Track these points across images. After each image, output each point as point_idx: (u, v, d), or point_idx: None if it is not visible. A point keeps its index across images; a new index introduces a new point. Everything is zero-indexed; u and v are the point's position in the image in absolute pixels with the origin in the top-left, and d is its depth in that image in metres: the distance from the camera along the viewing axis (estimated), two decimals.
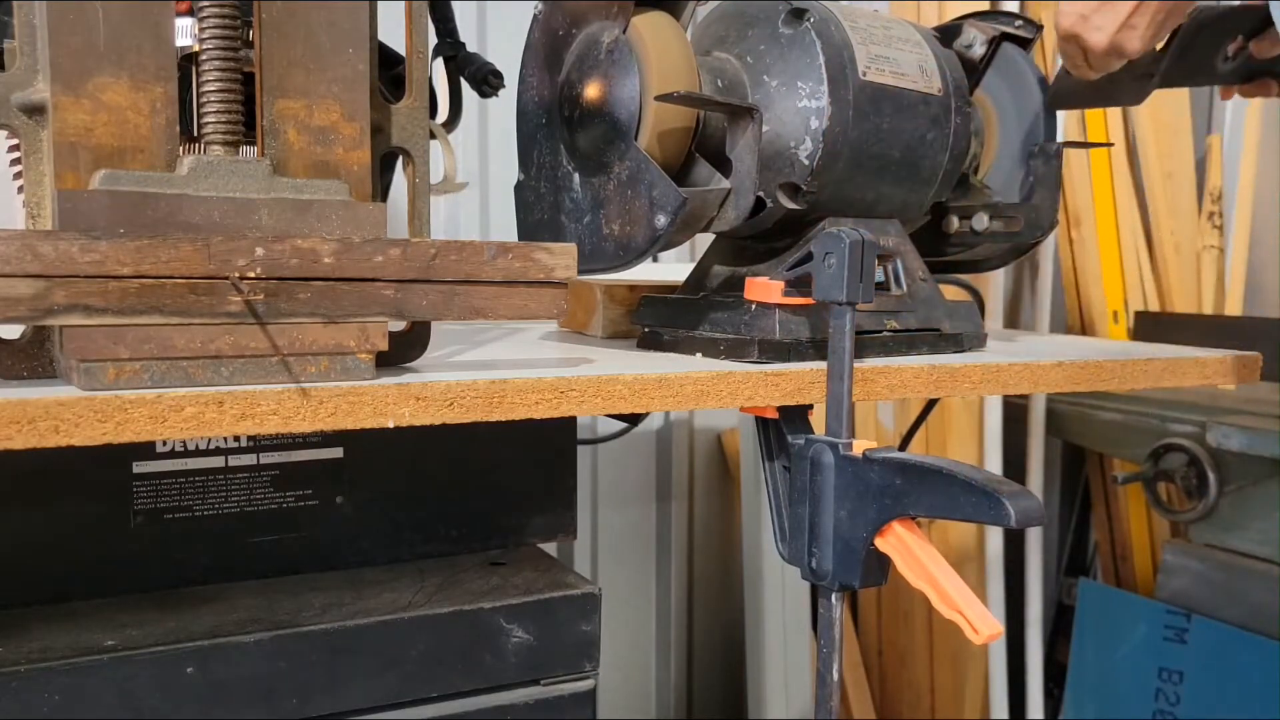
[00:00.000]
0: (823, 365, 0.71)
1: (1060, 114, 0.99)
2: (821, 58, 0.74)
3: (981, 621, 0.62)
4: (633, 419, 1.10)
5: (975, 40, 0.89)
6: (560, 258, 0.62)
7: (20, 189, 0.61)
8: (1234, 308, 2.02)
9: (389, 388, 0.57)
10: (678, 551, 1.72)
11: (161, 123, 0.57)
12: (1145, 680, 1.61)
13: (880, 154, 0.79)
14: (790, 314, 0.73)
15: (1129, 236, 2.00)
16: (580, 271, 0.69)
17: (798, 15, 0.75)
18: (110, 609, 0.70)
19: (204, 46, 0.59)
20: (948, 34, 0.91)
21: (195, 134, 0.60)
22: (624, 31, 0.71)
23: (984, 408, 1.80)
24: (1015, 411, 1.87)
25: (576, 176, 0.75)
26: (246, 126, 0.60)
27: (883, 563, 0.67)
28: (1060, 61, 0.88)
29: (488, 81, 0.83)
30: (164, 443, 0.72)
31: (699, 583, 1.75)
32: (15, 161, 0.63)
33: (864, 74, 0.76)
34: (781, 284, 0.71)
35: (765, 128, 0.74)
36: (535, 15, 0.77)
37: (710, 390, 0.67)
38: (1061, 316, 2.06)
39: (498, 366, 0.65)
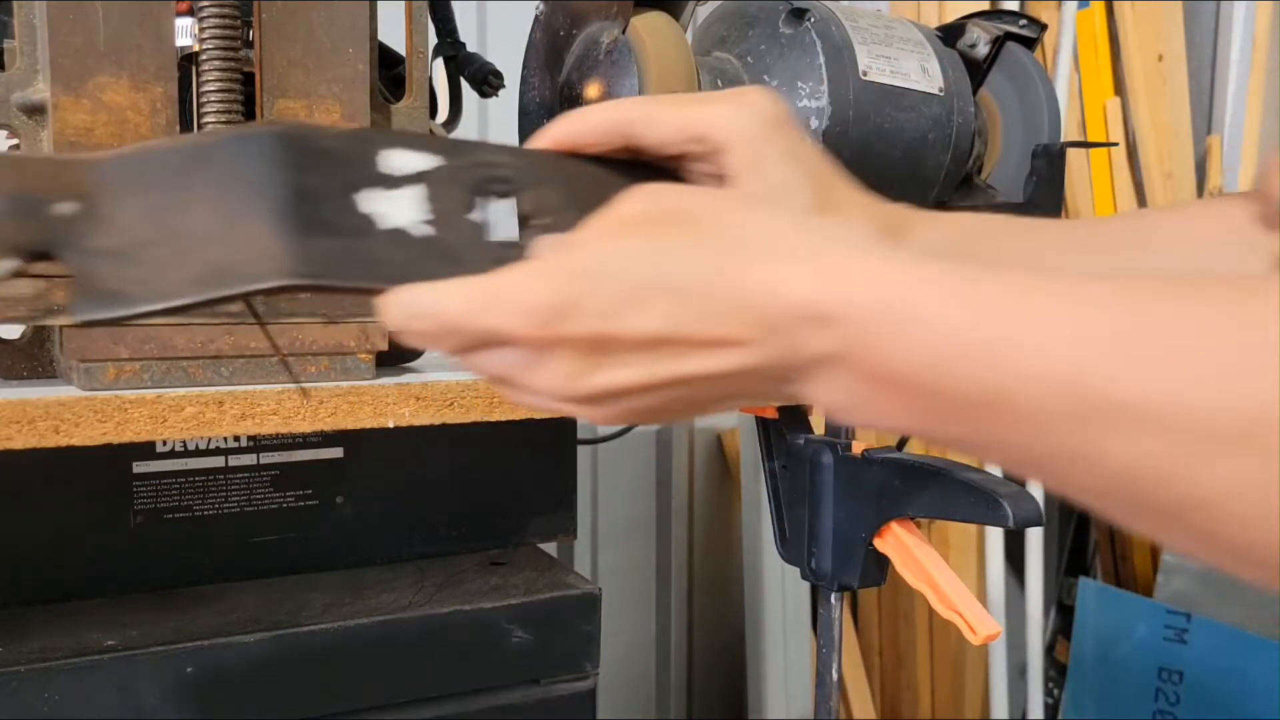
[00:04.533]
0: None
1: (1061, 113, 0.99)
2: (822, 58, 0.74)
3: (979, 622, 0.62)
4: None
5: (979, 40, 0.89)
6: None
7: None
8: None
9: (389, 388, 0.57)
10: (678, 551, 1.72)
11: (161, 123, 0.57)
12: (1145, 680, 1.61)
13: (881, 154, 0.79)
14: None
15: None
16: None
17: (798, 15, 0.75)
18: (110, 609, 0.69)
19: (204, 46, 0.59)
20: (951, 34, 0.91)
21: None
22: (623, 32, 0.71)
23: None
24: None
25: None
26: None
27: (881, 563, 0.67)
28: None
29: (488, 82, 0.83)
30: (164, 442, 0.72)
31: (699, 583, 1.75)
32: None
33: (865, 74, 0.76)
34: None
35: None
36: (536, 16, 0.77)
37: None
38: None
39: None
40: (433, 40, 0.79)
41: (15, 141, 0.60)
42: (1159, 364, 0.26)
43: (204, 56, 0.59)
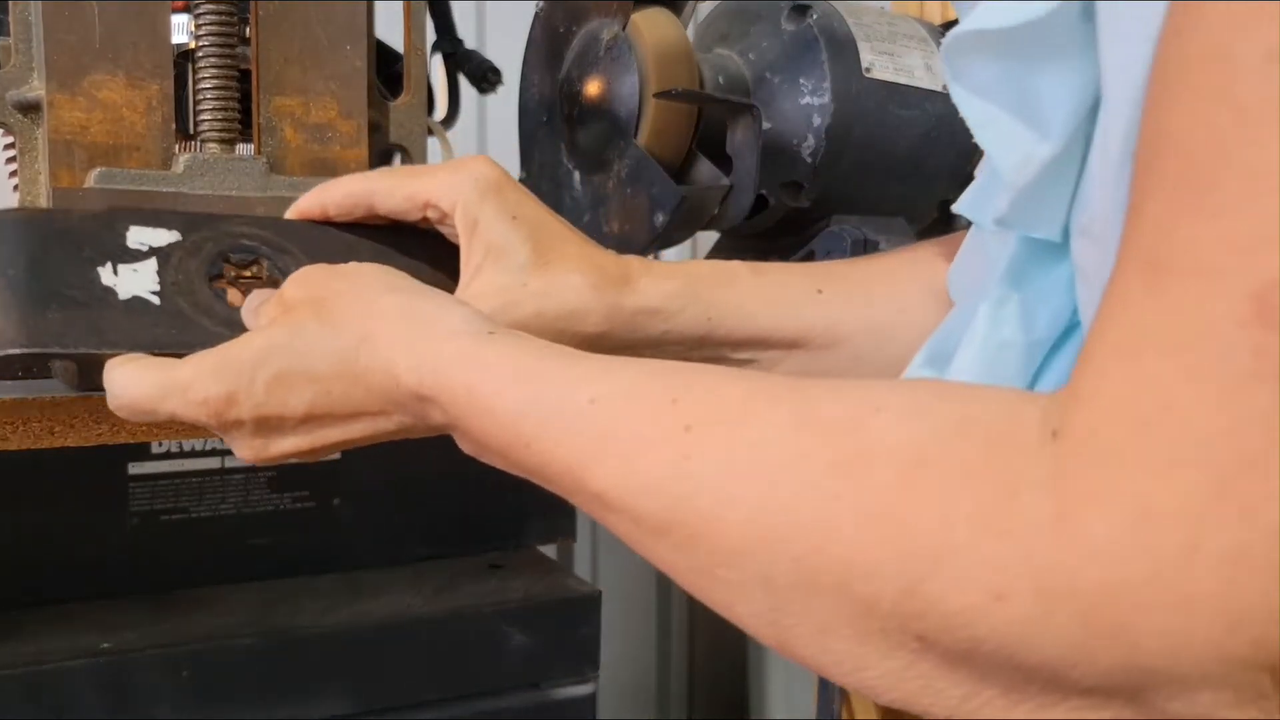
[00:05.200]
0: None
1: None
2: (824, 54, 0.74)
3: None
4: None
5: None
6: None
7: (15, 187, 0.61)
8: None
9: None
10: None
11: (157, 120, 0.57)
12: None
13: (885, 152, 0.78)
14: None
15: None
16: None
17: (801, 12, 0.75)
18: (106, 611, 0.69)
19: (200, 43, 0.58)
20: None
21: (191, 131, 0.60)
22: (624, 28, 0.70)
23: None
24: None
25: (576, 175, 0.75)
26: (243, 124, 0.59)
27: None
28: None
29: (486, 78, 0.82)
30: (159, 443, 0.71)
31: None
32: (10, 160, 0.63)
33: (868, 71, 0.76)
34: None
35: (767, 125, 0.74)
36: (537, 13, 0.77)
37: None
38: None
39: None
40: (431, 37, 0.78)
41: (10, 140, 0.59)
42: (614, 463, 0.31)
43: (200, 54, 0.58)
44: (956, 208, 0.39)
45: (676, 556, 0.30)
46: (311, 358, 0.38)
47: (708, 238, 0.81)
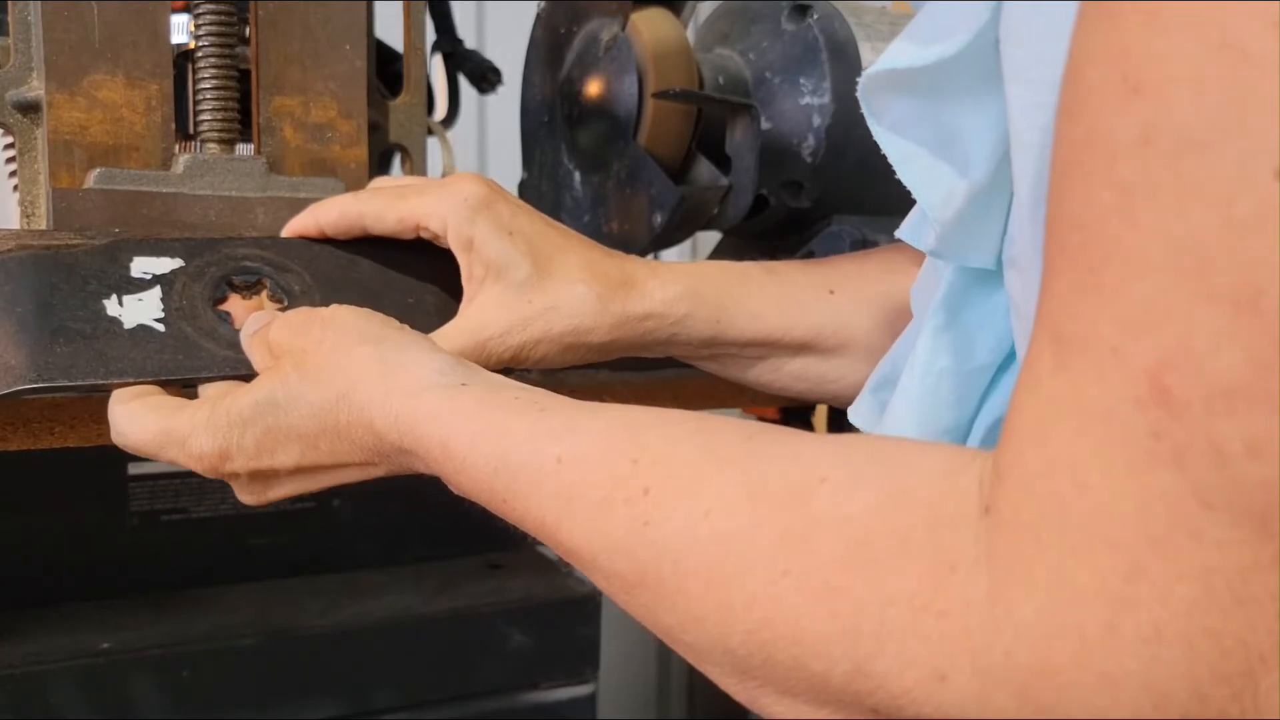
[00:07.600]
0: None
1: None
2: (825, 54, 0.74)
3: None
4: None
5: None
6: None
7: (15, 188, 0.61)
8: None
9: None
10: None
11: (157, 120, 0.57)
12: None
13: None
14: None
15: None
16: None
17: (801, 12, 0.75)
18: (106, 611, 0.69)
19: (200, 43, 0.58)
20: None
21: (191, 131, 0.60)
22: (623, 29, 0.70)
23: None
24: None
25: (577, 175, 0.75)
26: (243, 124, 0.59)
27: None
28: None
29: (485, 78, 0.82)
30: None
31: None
32: (10, 160, 0.63)
33: None
34: None
35: (767, 124, 0.74)
36: (538, 14, 0.77)
37: (712, 391, 0.66)
38: None
39: None
40: (431, 37, 0.78)
41: (9, 140, 0.59)
42: (581, 524, 0.32)
43: (200, 53, 0.58)
44: (899, 233, 0.39)
45: (645, 615, 0.31)
46: (295, 414, 0.40)
47: (708, 238, 0.81)
